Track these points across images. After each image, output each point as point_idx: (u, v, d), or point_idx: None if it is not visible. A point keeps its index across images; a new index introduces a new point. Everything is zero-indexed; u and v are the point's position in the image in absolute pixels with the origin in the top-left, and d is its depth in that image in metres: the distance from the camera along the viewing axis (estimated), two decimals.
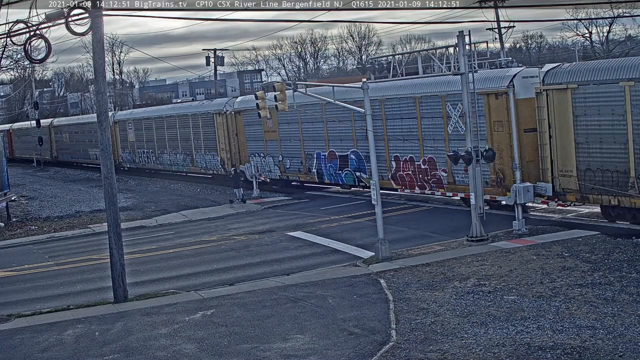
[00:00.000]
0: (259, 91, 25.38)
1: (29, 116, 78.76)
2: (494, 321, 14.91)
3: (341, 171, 34.07)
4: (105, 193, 19.90)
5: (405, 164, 30.48)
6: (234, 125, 41.23)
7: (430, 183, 29.46)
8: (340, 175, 34.19)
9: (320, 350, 14.27)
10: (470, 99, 23.13)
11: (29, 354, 15.61)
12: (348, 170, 33.69)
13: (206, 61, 68.61)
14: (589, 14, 76.09)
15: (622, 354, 12.62)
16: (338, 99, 24.87)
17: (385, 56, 53.11)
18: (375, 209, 22.01)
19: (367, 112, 22.34)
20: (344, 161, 33.81)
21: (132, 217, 34.31)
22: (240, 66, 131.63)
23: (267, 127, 38.01)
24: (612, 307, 15.06)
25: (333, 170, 34.58)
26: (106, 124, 19.74)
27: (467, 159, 22.69)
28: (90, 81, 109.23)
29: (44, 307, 19.58)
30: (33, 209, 40.18)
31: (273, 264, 22.61)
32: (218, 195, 39.75)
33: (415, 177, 30.09)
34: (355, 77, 68.97)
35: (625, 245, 20.19)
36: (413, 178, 30.19)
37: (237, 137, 41.17)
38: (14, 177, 54.36)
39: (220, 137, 42.14)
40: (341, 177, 34.20)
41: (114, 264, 19.60)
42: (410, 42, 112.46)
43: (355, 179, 33.30)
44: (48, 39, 19.46)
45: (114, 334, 16.52)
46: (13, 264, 26.03)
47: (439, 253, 21.68)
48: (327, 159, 34.73)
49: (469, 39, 22.80)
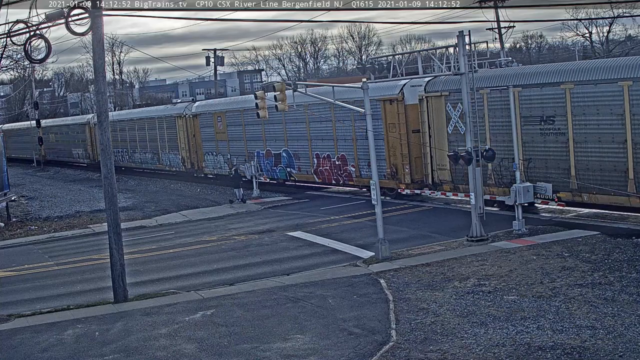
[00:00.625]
0: (259, 91, 25.43)
1: (29, 116, 78.93)
2: (494, 321, 14.91)
3: (276, 167, 38.94)
4: (105, 193, 19.90)
5: (324, 160, 35.35)
6: (192, 127, 45.91)
7: (343, 176, 34.27)
8: (275, 171, 39.08)
9: (320, 350, 14.27)
10: (469, 99, 23.19)
11: (29, 354, 15.61)
12: (281, 166, 38.60)
13: (206, 61, 68.70)
14: (589, 14, 76.20)
15: (622, 354, 12.63)
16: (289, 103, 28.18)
17: (385, 56, 53.13)
18: (375, 209, 22.01)
19: (367, 112, 22.33)
20: (277, 159, 38.65)
21: (132, 217, 34.32)
22: (240, 66, 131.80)
23: (218, 129, 43.20)
24: (612, 307, 15.06)
25: (269, 166, 39.37)
26: (106, 124, 19.73)
27: (466, 158, 22.73)
28: (90, 81, 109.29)
29: (44, 307, 19.58)
30: (33, 209, 40.20)
31: (273, 264, 22.61)
32: (218, 195, 39.77)
33: (331, 172, 35.11)
34: (355, 77, 68.98)
35: (625, 245, 20.19)
36: (330, 172, 35.21)
37: (195, 138, 45.85)
38: (14, 177, 54.39)
39: (180, 138, 47.05)
40: (276, 172, 39.09)
41: (114, 264, 19.60)
42: (410, 42, 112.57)
43: (287, 174, 38.39)
44: (48, 39, 19.45)
45: (114, 334, 16.53)
46: (13, 264, 26.03)
47: (439, 253, 21.68)
48: (264, 157, 39.58)
49: (469, 39, 22.82)
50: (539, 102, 24.84)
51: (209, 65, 68.97)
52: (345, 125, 33.20)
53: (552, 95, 24.35)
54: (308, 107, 34.20)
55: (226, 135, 42.50)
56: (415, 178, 30.60)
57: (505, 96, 25.24)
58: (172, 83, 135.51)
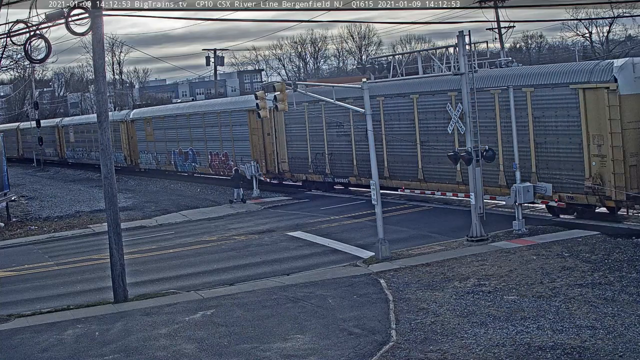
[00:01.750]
0: (259, 91, 25.47)
1: (29, 116, 78.97)
2: (494, 321, 14.91)
3: (185, 162, 48.37)
4: (105, 193, 19.90)
5: (215, 157, 44.74)
6: (131, 130, 55.74)
7: (225, 170, 43.11)
8: (185, 165, 48.64)
9: (320, 350, 14.28)
10: (469, 99, 23.16)
11: (29, 354, 15.61)
12: (188, 162, 47.94)
13: (206, 61, 68.64)
14: (589, 14, 76.12)
15: (622, 354, 12.63)
16: (192, 112, 47.13)
17: (385, 56, 53.17)
18: (375, 209, 22.02)
19: (368, 112, 22.34)
20: (186, 156, 48.06)
21: (132, 217, 34.31)
22: (240, 66, 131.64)
23: (147, 132, 52.90)
24: (612, 307, 15.06)
25: (182, 161, 48.83)
26: (106, 124, 19.73)
27: (467, 158, 22.73)
28: (90, 81, 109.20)
29: (44, 307, 19.58)
30: (33, 209, 40.20)
31: (273, 264, 22.61)
32: (218, 195, 39.78)
33: (220, 166, 44.30)
34: (355, 77, 68.91)
35: (625, 245, 20.19)
36: (218, 166, 44.51)
37: (132, 139, 55.86)
38: (14, 177, 54.39)
39: (123, 139, 56.44)
40: (185, 166, 48.66)
41: (114, 264, 19.60)
42: (410, 42, 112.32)
43: (193, 168, 47.95)
44: (48, 39, 19.43)
45: (114, 334, 16.52)
46: (13, 264, 26.03)
47: (439, 253, 21.68)
48: (178, 155, 49.08)
49: (469, 39, 22.80)
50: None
51: (209, 65, 68.94)
52: (223, 129, 43.45)
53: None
54: (204, 115, 45.72)
55: (153, 137, 52.35)
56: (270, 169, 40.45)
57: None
58: (172, 83, 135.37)
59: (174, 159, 49.33)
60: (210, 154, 44.88)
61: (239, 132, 42.01)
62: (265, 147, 39.79)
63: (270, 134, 39.27)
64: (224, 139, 43.37)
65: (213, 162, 44.83)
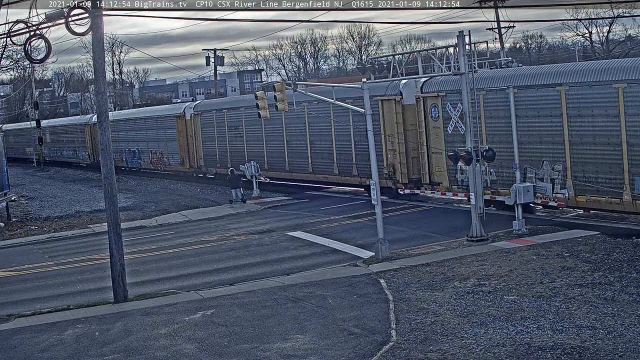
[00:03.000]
0: (259, 91, 25.46)
1: (29, 116, 79.10)
2: (494, 321, 14.91)
3: (133, 159, 56.24)
4: (105, 193, 19.89)
5: (154, 154, 52.97)
6: (94, 132, 59.07)
7: (162, 166, 51.76)
8: (133, 162, 56.40)
9: (320, 350, 14.27)
10: (469, 99, 23.17)
11: (29, 354, 15.61)
12: (135, 159, 56.04)
13: (206, 61, 68.64)
14: (589, 14, 76.12)
15: (622, 354, 12.62)
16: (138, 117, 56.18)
17: (385, 56, 53.08)
18: (375, 209, 22.01)
19: (367, 112, 22.34)
20: (134, 154, 56.00)
21: (132, 217, 34.31)
22: (240, 66, 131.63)
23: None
24: (612, 307, 15.06)
25: (130, 159, 56.89)
26: (106, 124, 19.72)
27: (467, 158, 22.72)
28: (90, 81, 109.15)
29: (44, 307, 19.58)
30: (33, 209, 40.20)
31: (273, 264, 22.61)
32: (218, 195, 39.79)
33: (158, 162, 52.43)
34: (355, 77, 68.93)
35: (625, 245, 20.19)
36: (157, 163, 52.68)
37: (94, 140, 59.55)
38: (14, 177, 54.37)
39: (87, 140, 63.99)
40: (133, 163, 56.41)
41: (114, 264, 19.59)
42: (410, 42, 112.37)
43: (139, 164, 55.47)
44: (48, 39, 19.44)
45: (114, 334, 16.52)
46: (13, 264, 26.03)
47: (439, 253, 21.68)
48: (128, 152, 57.20)
49: (469, 39, 22.79)
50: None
51: (209, 65, 68.94)
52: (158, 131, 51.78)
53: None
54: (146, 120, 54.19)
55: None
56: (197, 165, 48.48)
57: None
58: (172, 83, 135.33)
59: (125, 157, 57.50)
60: (151, 152, 53.53)
61: (170, 134, 50.13)
62: (189, 147, 47.63)
63: (192, 135, 47.16)
64: (159, 140, 52.10)
65: (152, 159, 53.44)
